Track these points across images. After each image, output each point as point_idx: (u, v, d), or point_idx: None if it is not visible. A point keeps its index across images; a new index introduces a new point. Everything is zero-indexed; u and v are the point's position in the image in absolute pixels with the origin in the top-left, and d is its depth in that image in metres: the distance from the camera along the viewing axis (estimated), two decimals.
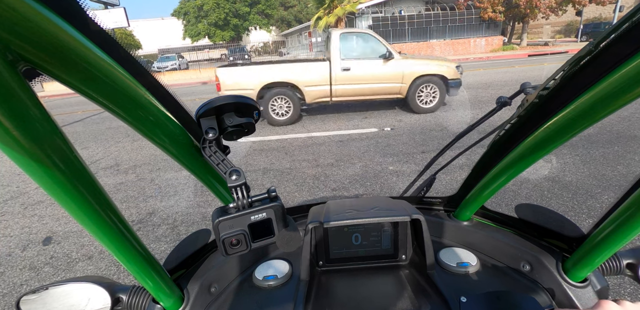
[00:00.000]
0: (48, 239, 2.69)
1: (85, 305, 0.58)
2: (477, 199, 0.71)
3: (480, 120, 0.80)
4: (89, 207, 0.37)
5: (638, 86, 0.35)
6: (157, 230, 2.68)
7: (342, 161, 3.88)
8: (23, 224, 2.99)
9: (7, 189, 3.85)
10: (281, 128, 5.58)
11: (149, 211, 3.00)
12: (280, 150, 4.45)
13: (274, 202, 0.42)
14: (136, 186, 3.59)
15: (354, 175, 3.45)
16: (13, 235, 2.80)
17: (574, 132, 0.45)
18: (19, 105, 0.27)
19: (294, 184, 3.36)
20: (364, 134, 4.89)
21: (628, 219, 0.47)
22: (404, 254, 0.72)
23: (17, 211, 3.25)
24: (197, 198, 3.18)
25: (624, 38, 0.36)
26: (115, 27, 17.93)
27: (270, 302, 0.62)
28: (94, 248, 2.50)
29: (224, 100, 0.44)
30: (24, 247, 2.59)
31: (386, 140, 4.53)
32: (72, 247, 2.53)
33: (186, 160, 0.50)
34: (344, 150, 4.26)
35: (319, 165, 3.79)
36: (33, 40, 0.26)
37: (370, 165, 3.69)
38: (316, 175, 3.52)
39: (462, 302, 0.57)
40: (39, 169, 0.31)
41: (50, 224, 2.95)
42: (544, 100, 0.49)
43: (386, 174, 3.43)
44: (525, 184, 2.94)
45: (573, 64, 0.42)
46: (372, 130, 5.08)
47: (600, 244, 0.52)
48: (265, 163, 4.01)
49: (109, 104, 0.35)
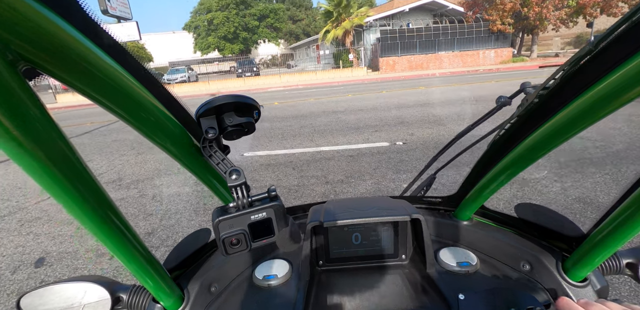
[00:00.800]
0: (41, 261, 2.53)
1: (86, 305, 0.58)
2: (477, 199, 0.71)
3: (480, 120, 0.80)
4: (89, 206, 0.37)
5: (638, 86, 0.35)
6: (156, 252, 2.50)
7: (353, 178, 3.68)
8: (17, 242, 2.85)
9: (7, 204, 3.75)
10: (288, 142, 5.43)
11: (147, 231, 2.83)
12: (288, 165, 4.27)
13: (274, 202, 0.42)
14: (137, 203, 3.44)
15: (365, 193, 3.25)
16: (6, 254, 2.65)
17: (573, 131, 0.45)
18: (19, 105, 0.27)
19: (302, 203, 3.15)
20: (375, 148, 4.69)
21: (628, 219, 0.47)
22: (404, 253, 0.72)
23: (14, 228, 3.13)
24: (198, 217, 3.00)
25: (623, 38, 0.35)
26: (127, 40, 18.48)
27: (270, 302, 0.62)
28: (87, 271, 2.34)
29: (224, 99, 0.44)
30: (15, 269, 2.43)
31: (398, 155, 4.33)
32: (64, 271, 2.37)
33: (186, 160, 0.50)
34: (354, 166, 4.06)
35: (328, 182, 3.60)
36: (33, 40, 0.26)
37: (383, 183, 3.48)
38: (326, 193, 3.32)
39: (461, 300, 0.57)
40: (39, 169, 0.31)
41: (45, 243, 2.81)
42: (544, 100, 0.49)
43: (400, 192, 3.21)
44: (554, 204, 2.70)
45: (573, 64, 0.42)
46: (384, 144, 4.89)
47: (600, 244, 0.52)
48: (272, 179, 3.84)
49: (109, 103, 0.35)
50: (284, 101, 10.87)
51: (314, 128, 6.27)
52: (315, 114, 7.75)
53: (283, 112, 8.41)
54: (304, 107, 9.01)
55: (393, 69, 20.61)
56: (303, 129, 6.29)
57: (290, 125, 6.72)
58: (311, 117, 7.39)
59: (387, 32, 20.54)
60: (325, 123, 6.61)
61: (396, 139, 5.10)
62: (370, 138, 5.25)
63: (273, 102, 10.84)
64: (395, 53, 20.58)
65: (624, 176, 3.14)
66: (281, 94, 13.69)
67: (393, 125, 5.95)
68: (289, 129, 6.32)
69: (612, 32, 0.36)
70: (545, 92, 0.48)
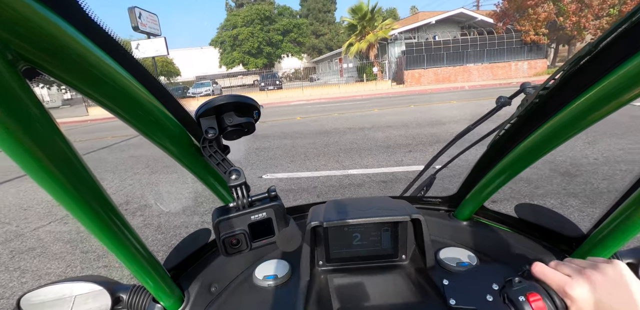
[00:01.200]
0: None
1: (86, 305, 0.58)
2: (477, 199, 0.72)
3: (480, 120, 0.82)
4: (89, 206, 0.37)
5: (638, 86, 0.35)
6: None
7: None
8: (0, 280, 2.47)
9: (5, 229, 3.46)
10: (312, 162, 4.90)
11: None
12: (312, 191, 3.73)
13: (274, 202, 0.42)
14: (140, 233, 2.99)
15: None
16: None
17: (573, 131, 0.45)
18: (19, 105, 0.27)
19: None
20: (411, 173, 4.09)
21: (628, 219, 0.47)
22: (404, 253, 0.72)
23: (2, 261, 2.78)
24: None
25: (624, 38, 0.35)
26: (156, 55, 19.12)
27: (270, 302, 0.62)
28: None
29: (224, 99, 0.44)
30: None
31: (439, 181, 3.71)
32: None
33: (186, 160, 0.51)
34: (387, 195, 3.47)
35: None
36: (33, 40, 0.26)
37: None
38: None
39: (445, 285, 0.60)
40: (38, 169, 0.31)
41: (29, 283, 2.44)
42: (544, 100, 0.49)
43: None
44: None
45: (573, 64, 0.42)
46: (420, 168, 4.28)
47: (600, 244, 0.53)
48: None
49: (109, 103, 0.35)
50: (307, 116, 10.45)
51: (340, 146, 5.74)
52: (340, 131, 7.24)
53: (306, 128, 7.96)
54: (328, 123, 8.53)
55: (419, 81, 19.93)
56: (328, 147, 5.77)
57: (313, 142, 6.23)
58: (336, 134, 6.87)
59: (412, 45, 20.04)
60: (352, 141, 6.08)
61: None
62: (404, 160, 4.65)
63: (295, 116, 10.47)
64: (421, 65, 19.94)
65: None
66: (304, 108, 13.35)
67: (428, 145, 5.32)
68: (312, 148, 5.81)
69: (612, 33, 0.35)
70: (545, 92, 0.47)
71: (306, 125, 8.38)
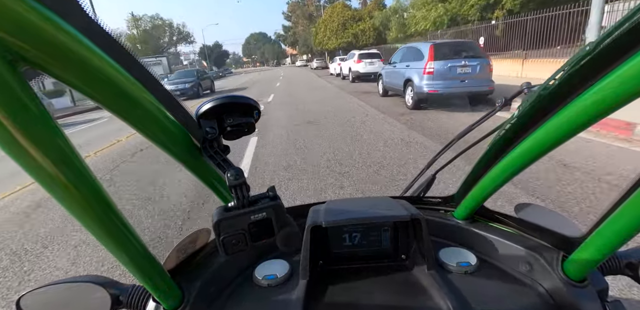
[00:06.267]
0: None
1: (85, 305, 0.58)
2: (477, 199, 0.72)
3: (480, 120, 0.82)
4: (88, 206, 0.37)
5: (638, 86, 0.35)
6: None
7: None
8: None
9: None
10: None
11: None
12: None
13: (273, 202, 0.42)
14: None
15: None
16: None
17: (574, 131, 0.45)
18: (19, 106, 0.27)
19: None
20: None
21: (628, 219, 0.47)
22: (403, 253, 0.72)
23: None
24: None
25: (624, 38, 0.35)
26: None
27: (270, 302, 0.63)
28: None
29: (224, 100, 0.45)
30: None
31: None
32: None
33: (186, 160, 0.51)
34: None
35: None
36: (33, 40, 0.26)
37: None
38: None
39: (445, 285, 0.61)
40: (38, 169, 0.31)
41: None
42: (544, 100, 0.49)
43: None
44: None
45: (573, 64, 0.41)
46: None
47: (600, 244, 0.53)
48: None
49: (109, 103, 0.35)
50: None
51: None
52: None
53: None
54: None
55: None
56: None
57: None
58: None
59: None
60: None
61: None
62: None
63: None
64: None
65: None
66: None
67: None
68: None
69: (612, 33, 0.36)
70: (545, 92, 0.47)
71: None
